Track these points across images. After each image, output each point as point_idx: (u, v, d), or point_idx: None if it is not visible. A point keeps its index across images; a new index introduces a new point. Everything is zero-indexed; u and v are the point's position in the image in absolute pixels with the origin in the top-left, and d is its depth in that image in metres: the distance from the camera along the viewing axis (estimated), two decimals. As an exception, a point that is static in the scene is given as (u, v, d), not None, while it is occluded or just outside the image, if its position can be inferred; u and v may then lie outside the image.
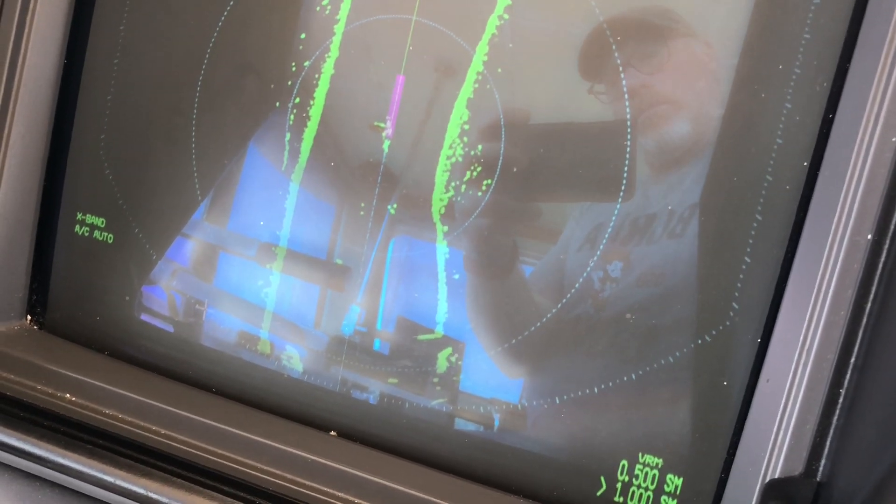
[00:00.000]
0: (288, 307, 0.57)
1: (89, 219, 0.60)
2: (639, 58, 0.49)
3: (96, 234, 0.60)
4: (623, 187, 0.49)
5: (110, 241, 0.60)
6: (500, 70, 0.51)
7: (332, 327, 0.56)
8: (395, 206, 0.54)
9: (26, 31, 0.56)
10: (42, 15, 0.57)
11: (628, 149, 0.49)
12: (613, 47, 0.49)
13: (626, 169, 0.49)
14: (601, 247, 0.50)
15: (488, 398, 0.53)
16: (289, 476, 0.52)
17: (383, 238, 0.54)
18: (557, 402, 0.51)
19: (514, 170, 0.51)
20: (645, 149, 0.49)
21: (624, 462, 0.50)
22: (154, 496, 0.50)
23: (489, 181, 0.51)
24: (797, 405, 0.44)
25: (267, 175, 0.56)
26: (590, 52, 0.49)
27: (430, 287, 0.54)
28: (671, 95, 0.49)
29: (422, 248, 0.54)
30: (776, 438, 0.44)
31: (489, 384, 0.53)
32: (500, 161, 0.51)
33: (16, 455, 0.53)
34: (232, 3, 0.56)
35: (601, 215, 0.50)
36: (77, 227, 0.60)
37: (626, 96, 0.49)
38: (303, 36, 0.54)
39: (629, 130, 0.49)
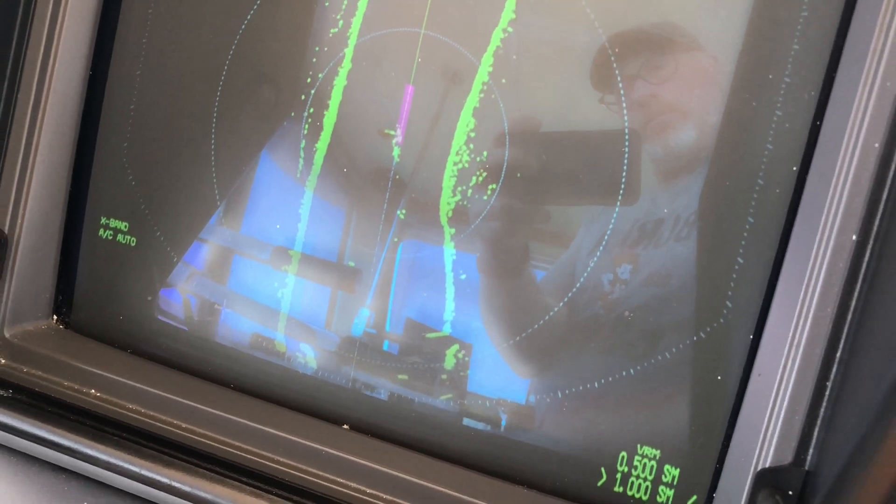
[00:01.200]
0: (302, 309, 0.59)
1: (113, 223, 0.63)
2: (646, 69, 0.51)
3: (119, 237, 0.62)
4: (625, 192, 0.52)
5: (133, 245, 0.62)
6: (504, 80, 0.53)
7: (344, 328, 0.59)
8: (404, 210, 0.56)
9: (54, 45, 0.59)
10: (69, 29, 0.59)
11: (626, 155, 0.51)
12: (613, 60, 0.51)
13: (625, 174, 0.52)
14: (609, 250, 0.52)
15: (495, 394, 0.56)
16: (303, 467, 0.54)
17: (393, 241, 0.57)
18: (560, 396, 0.54)
19: (518, 175, 0.53)
20: (650, 156, 0.51)
21: (623, 454, 0.53)
22: (177, 485, 0.52)
23: (494, 186, 0.54)
24: (787, 398, 0.46)
25: (283, 181, 0.59)
26: (601, 63, 0.52)
27: (437, 288, 0.56)
28: (673, 105, 0.51)
29: (430, 251, 0.56)
30: (767, 430, 0.47)
31: (495, 381, 0.56)
32: (505, 167, 0.53)
33: (46, 446, 0.55)
34: (249, 17, 0.58)
35: (611, 220, 0.52)
36: (101, 231, 0.63)
37: (628, 106, 0.51)
38: (317, 49, 0.57)
39: (627, 138, 0.51)
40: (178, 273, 0.62)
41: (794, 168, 0.48)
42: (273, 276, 0.59)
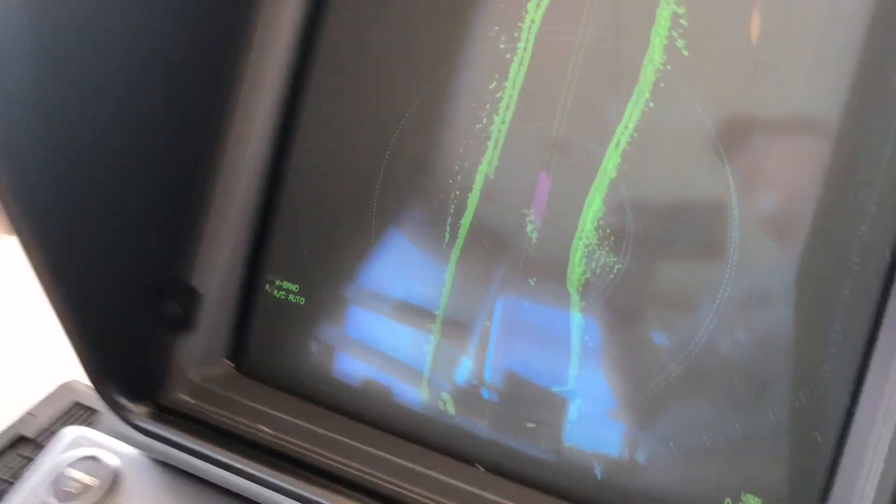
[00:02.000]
0: (443, 362, 0.68)
1: (286, 284, 0.72)
2: (752, 154, 0.59)
3: (290, 297, 0.72)
4: (734, 259, 0.59)
5: (302, 303, 0.72)
6: (628, 171, 0.62)
7: (478, 380, 0.67)
8: (534, 279, 0.65)
9: (243, 144, 0.70)
10: (258, 133, 0.71)
11: (734, 225, 0.59)
12: (721, 149, 0.59)
13: (733, 242, 0.59)
14: (724, 313, 0.59)
15: (610, 445, 0.63)
16: (443, 501, 0.62)
17: (524, 306, 0.65)
18: (672, 447, 0.60)
19: (640, 250, 0.61)
20: (756, 227, 0.58)
21: (728, 500, 0.59)
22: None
23: (619, 263, 0.62)
24: (882, 458, 0.52)
25: (431, 252, 0.68)
26: (711, 147, 0.59)
27: (562, 349, 0.64)
28: (775, 186, 0.58)
29: (556, 315, 0.64)
30: (864, 486, 0.52)
31: (611, 434, 0.63)
32: (629, 245, 0.62)
33: (224, 469, 0.65)
34: (409, 112, 0.68)
35: (722, 284, 0.59)
36: (276, 292, 0.72)
37: (735, 183, 0.59)
38: (464, 141, 0.67)
39: (736, 210, 0.59)
40: (340, 332, 0.71)
41: (887, 254, 0.55)
42: (419, 336, 0.68)
